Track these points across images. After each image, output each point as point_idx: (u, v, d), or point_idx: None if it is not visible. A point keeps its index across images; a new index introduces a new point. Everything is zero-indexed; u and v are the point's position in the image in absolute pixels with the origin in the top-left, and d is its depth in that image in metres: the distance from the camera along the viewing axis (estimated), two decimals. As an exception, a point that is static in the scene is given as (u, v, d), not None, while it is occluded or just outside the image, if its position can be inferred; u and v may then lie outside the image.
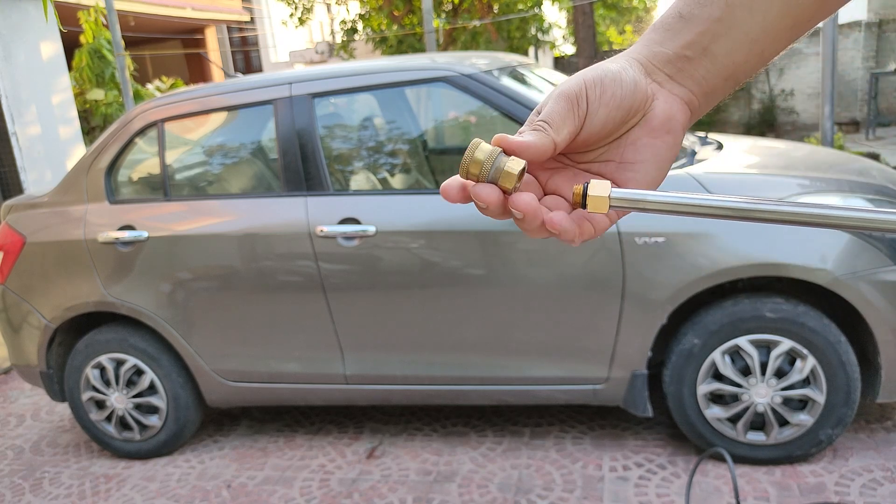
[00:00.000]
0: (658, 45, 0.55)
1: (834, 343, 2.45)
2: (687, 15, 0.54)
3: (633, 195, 0.50)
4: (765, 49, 0.54)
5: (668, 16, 0.55)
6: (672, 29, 0.54)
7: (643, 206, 0.50)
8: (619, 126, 0.54)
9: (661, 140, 0.55)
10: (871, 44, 10.76)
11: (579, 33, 12.25)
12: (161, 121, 3.05)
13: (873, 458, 2.63)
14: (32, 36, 6.81)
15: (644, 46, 0.56)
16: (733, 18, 0.53)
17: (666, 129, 0.55)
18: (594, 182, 0.50)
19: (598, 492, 2.58)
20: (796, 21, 0.53)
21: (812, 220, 0.46)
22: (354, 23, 13.74)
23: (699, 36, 0.53)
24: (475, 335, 2.74)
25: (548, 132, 0.52)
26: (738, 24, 0.53)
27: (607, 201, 0.50)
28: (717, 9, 0.53)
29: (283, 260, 2.85)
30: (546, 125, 0.52)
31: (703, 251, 2.46)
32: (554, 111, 0.52)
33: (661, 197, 0.49)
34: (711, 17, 0.53)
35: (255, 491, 2.84)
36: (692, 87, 0.55)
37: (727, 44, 0.53)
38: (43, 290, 3.17)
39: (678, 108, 0.55)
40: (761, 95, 11.38)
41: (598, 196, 0.50)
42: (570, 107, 0.52)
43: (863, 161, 3.07)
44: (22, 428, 3.71)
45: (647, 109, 0.55)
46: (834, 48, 4.72)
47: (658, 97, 0.55)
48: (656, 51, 0.55)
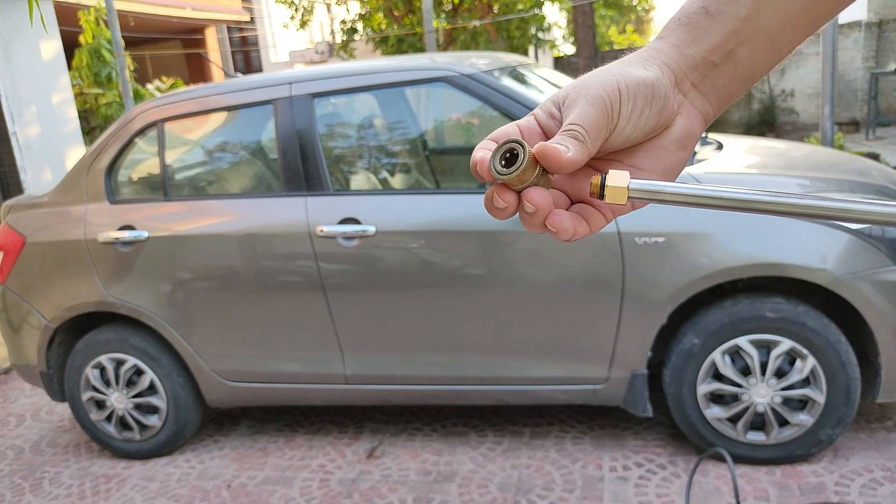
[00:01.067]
0: (687, 46, 0.53)
1: (834, 343, 2.45)
2: (714, 11, 0.52)
3: (652, 186, 0.49)
4: (782, 48, 0.53)
5: (692, 11, 0.53)
6: (699, 27, 0.52)
7: (661, 197, 0.49)
8: (639, 140, 0.53)
9: (674, 154, 0.54)
10: (871, 44, 10.76)
11: (579, 33, 12.25)
12: (161, 121, 3.05)
13: (873, 458, 2.63)
14: (32, 36, 6.81)
15: (674, 48, 0.53)
16: (759, 17, 0.51)
17: (682, 146, 0.54)
18: (613, 172, 0.49)
19: (598, 492, 2.58)
20: (815, 17, 0.52)
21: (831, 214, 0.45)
22: (354, 23, 13.75)
23: (727, 38, 0.52)
24: (475, 335, 2.74)
25: (586, 143, 0.49)
26: (764, 24, 0.51)
27: (626, 192, 0.49)
28: (744, 6, 0.51)
29: (283, 260, 2.85)
30: (582, 133, 0.49)
31: (703, 251, 2.46)
32: (590, 119, 0.49)
33: (680, 188, 0.48)
34: (739, 15, 0.51)
35: (255, 491, 2.84)
36: (712, 96, 0.54)
37: (751, 46, 0.52)
38: (43, 290, 3.17)
39: (697, 124, 0.54)
40: (761, 95, 11.38)
41: (618, 187, 0.49)
42: (606, 117, 0.50)
43: (863, 161, 3.07)
44: (22, 428, 3.71)
45: (669, 124, 0.53)
46: (834, 48, 4.73)
47: (681, 112, 0.53)
48: (686, 53, 0.53)
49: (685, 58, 0.53)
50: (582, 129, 0.49)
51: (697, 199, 0.48)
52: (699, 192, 0.48)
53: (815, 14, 0.52)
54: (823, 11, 0.52)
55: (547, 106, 0.53)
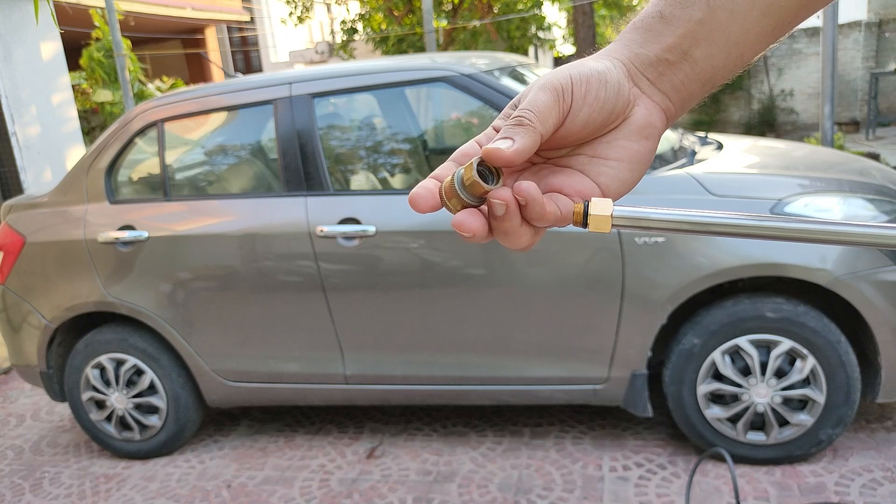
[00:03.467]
0: (639, 46, 0.53)
1: (834, 343, 2.45)
2: (668, 15, 0.52)
3: (636, 213, 0.48)
4: (744, 52, 0.53)
5: (648, 15, 0.54)
6: (653, 30, 0.53)
7: (647, 224, 0.48)
8: (599, 129, 0.53)
9: (637, 144, 0.54)
10: (871, 44, 10.76)
11: (579, 33, 12.25)
12: (161, 121, 3.05)
13: (873, 457, 2.63)
14: (32, 36, 6.81)
15: (625, 47, 0.54)
16: (714, 21, 0.51)
17: (644, 135, 0.54)
18: (595, 200, 0.49)
19: (598, 492, 2.58)
20: (777, 23, 0.52)
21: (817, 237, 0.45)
22: (354, 23, 13.75)
23: (680, 39, 0.52)
24: (475, 335, 2.74)
25: (534, 125, 0.49)
26: (719, 27, 0.52)
27: (609, 220, 0.48)
28: (698, 10, 0.51)
29: (283, 260, 2.85)
30: (531, 116, 0.49)
31: (703, 251, 2.46)
32: (539, 101, 0.49)
33: (666, 215, 0.48)
34: (693, 18, 0.51)
35: (255, 491, 2.84)
36: (671, 93, 0.54)
37: (708, 48, 0.52)
38: (43, 290, 3.17)
39: (657, 116, 0.54)
40: (761, 95, 11.38)
41: (601, 215, 0.48)
42: (556, 98, 0.50)
43: (863, 161, 3.07)
44: (22, 428, 3.71)
45: (627, 115, 0.54)
46: (834, 48, 4.72)
47: (639, 103, 0.54)
48: (638, 52, 0.53)
49: (638, 56, 0.53)
50: (531, 112, 0.49)
51: (684, 226, 0.48)
52: (686, 217, 0.48)
53: (777, 21, 0.52)
54: (786, 19, 0.52)
55: (506, 111, 0.53)
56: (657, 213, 0.48)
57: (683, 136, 3.16)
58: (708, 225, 0.47)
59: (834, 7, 4.68)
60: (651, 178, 2.56)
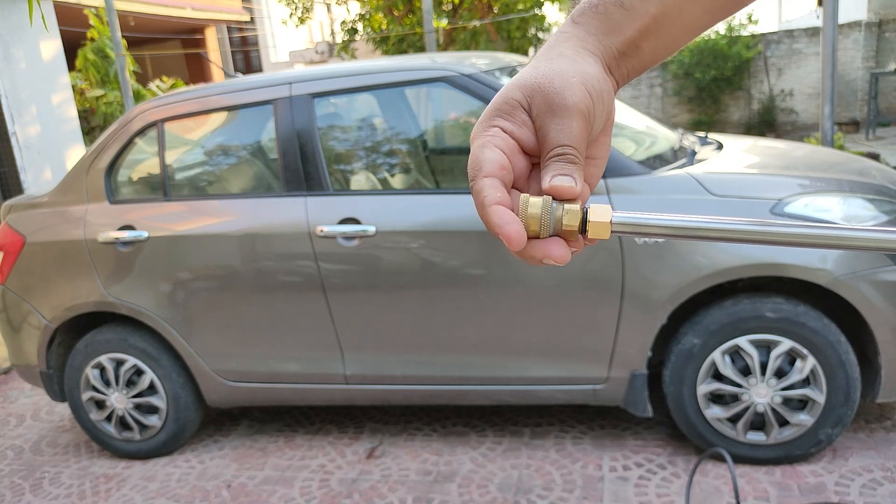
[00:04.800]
0: (604, 35, 0.55)
1: (834, 343, 2.45)
2: (628, 6, 0.54)
3: (634, 219, 0.48)
4: (679, 42, 0.56)
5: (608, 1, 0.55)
6: (614, 19, 0.54)
7: (646, 230, 0.48)
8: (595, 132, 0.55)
9: (608, 137, 0.56)
10: (871, 44, 10.76)
11: (579, 33, 12.21)
12: (161, 121, 3.05)
13: (873, 457, 2.63)
14: (32, 36, 6.81)
15: (594, 38, 0.55)
16: (665, 17, 0.54)
17: (609, 128, 0.56)
18: (594, 207, 0.49)
19: (598, 492, 2.58)
20: (714, 18, 0.56)
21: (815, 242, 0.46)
22: (354, 23, 13.74)
23: (637, 33, 0.54)
24: (475, 335, 2.74)
25: (580, 161, 0.51)
26: (668, 23, 0.54)
27: (609, 227, 0.48)
28: (654, 4, 0.53)
29: (283, 260, 2.85)
30: (575, 153, 0.51)
31: (703, 251, 2.46)
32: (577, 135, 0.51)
33: (665, 221, 0.48)
34: (649, 12, 0.54)
35: (255, 491, 2.84)
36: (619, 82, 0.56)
37: (655, 41, 0.55)
38: (43, 290, 3.17)
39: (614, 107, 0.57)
40: (761, 95, 11.37)
41: (600, 222, 0.48)
42: (586, 124, 0.51)
43: (863, 161, 3.07)
44: (22, 428, 3.71)
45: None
46: (834, 48, 4.72)
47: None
48: (606, 44, 0.55)
49: (606, 48, 0.55)
50: (573, 150, 0.51)
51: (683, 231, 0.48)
52: (685, 223, 0.48)
53: (715, 16, 0.56)
54: (721, 14, 0.56)
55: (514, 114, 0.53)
56: (656, 219, 0.48)
57: (683, 137, 3.16)
58: (707, 230, 0.47)
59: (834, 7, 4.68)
60: (651, 178, 2.56)
